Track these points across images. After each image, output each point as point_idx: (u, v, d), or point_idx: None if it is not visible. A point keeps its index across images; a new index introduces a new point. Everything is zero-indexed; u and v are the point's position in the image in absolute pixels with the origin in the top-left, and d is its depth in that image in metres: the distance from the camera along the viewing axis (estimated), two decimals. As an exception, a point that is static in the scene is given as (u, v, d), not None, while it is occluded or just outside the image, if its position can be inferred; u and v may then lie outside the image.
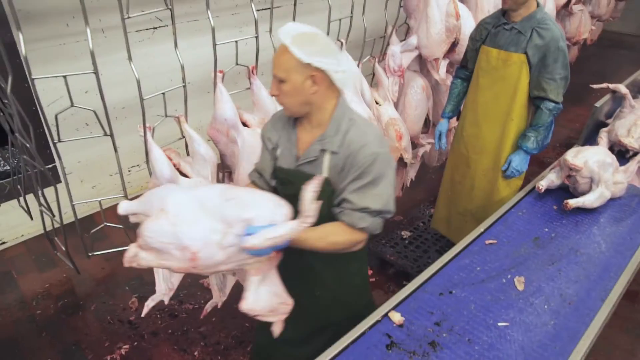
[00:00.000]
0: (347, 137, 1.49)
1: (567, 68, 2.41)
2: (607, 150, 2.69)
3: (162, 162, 2.00)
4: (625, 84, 3.40)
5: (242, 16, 3.78)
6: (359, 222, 1.52)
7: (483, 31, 2.56)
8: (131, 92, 1.88)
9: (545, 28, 2.35)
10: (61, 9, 3.02)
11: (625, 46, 8.33)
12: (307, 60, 1.39)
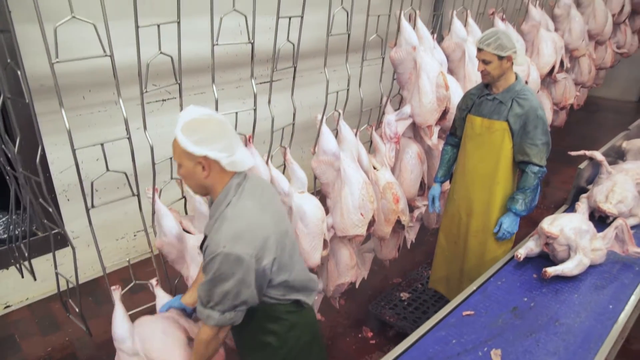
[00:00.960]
0: (214, 226, 1.57)
1: (547, 134, 2.58)
2: (583, 217, 2.71)
3: (170, 220, 2.13)
4: (602, 151, 3.51)
5: (245, 89, 4.01)
6: (207, 319, 1.58)
7: (469, 101, 2.77)
8: (137, 161, 2.01)
9: (524, 98, 2.56)
10: (79, 84, 3.24)
11: (611, 110, 8.67)
12: (190, 149, 1.49)
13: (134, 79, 1.91)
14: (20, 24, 1.82)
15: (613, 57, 6.01)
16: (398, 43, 3.00)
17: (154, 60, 1.93)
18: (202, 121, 1.55)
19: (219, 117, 1.59)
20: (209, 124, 1.55)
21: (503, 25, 3.83)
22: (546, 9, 4.60)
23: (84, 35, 1.72)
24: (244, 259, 1.50)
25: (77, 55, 1.71)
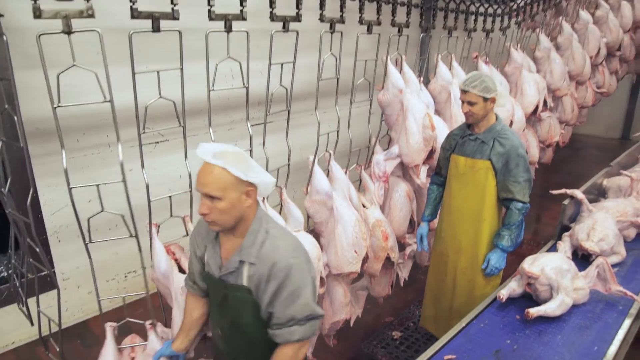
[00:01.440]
0: (262, 250, 1.60)
1: (528, 171, 2.67)
2: (564, 256, 2.71)
3: (161, 255, 2.15)
4: (583, 189, 3.55)
5: (237, 131, 4.10)
6: (291, 336, 1.62)
7: (452, 141, 2.86)
8: (131, 201, 2.04)
9: (505, 137, 2.66)
10: (74, 127, 3.29)
11: (596, 147, 8.88)
12: (245, 177, 1.53)
13: (127, 121, 1.97)
14: (17, 71, 1.87)
15: (594, 96, 6.21)
16: (385, 86, 3.11)
17: (146, 104, 1.99)
18: (239, 153, 1.59)
19: (237, 149, 1.64)
20: (239, 154, 1.59)
21: (487, 67, 3.99)
22: (527, 52, 4.79)
23: (78, 80, 1.77)
24: (312, 264, 1.63)
25: (73, 99, 1.77)
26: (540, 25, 4.94)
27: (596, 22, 5.72)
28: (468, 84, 2.61)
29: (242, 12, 2.09)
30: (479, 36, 3.88)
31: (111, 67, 1.77)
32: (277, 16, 2.23)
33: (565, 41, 5.22)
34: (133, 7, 1.74)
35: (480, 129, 2.72)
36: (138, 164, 2.06)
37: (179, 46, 1.95)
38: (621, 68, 6.94)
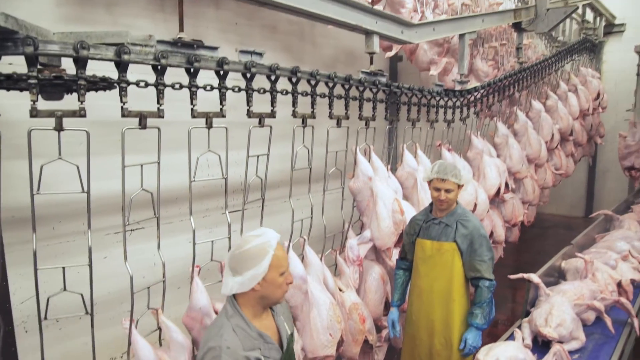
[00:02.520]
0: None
1: (491, 250, 2.86)
2: (520, 344, 2.72)
3: (148, 351, 2.14)
4: (541, 272, 3.59)
5: (212, 218, 4.18)
6: None
7: (415, 227, 3.02)
8: (104, 289, 2.07)
9: (467, 219, 2.86)
10: (51, 215, 3.33)
11: (562, 226, 9.20)
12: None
13: (104, 210, 2.04)
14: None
15: (553, 178, 6.58)
16: (356, 174, 3.31)
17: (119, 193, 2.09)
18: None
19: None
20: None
21: (450, 155, 4.26)
22: (487, 139, 5.14)
23: (59, 169, 1.86)
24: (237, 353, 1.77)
25: (51, 187, 1.85)
26: (497, 114, 5.36)
27: (548, 111, 6.23)
28: (447, 173, 2.82)
29: (221, 110, 2.28)
30: (441, 126, 4.19)
31: (92, 157, 1.88)
32: (254, 113, 2.42)
33: (521, 128, 5.64)
34: (124, 107, 1.90)
35: (444, 212, 2.90)
36: (113, 252, 2.11)
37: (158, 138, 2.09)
38: (576, 151, 7.44)
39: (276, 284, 1.82)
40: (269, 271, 1.79)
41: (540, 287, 3.34)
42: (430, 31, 3.76)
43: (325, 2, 2.77)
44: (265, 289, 1.81)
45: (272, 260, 1.79)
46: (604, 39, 8.68)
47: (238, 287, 1.79)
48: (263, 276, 1.78)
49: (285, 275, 1.85)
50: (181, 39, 2.16)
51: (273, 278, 1.81)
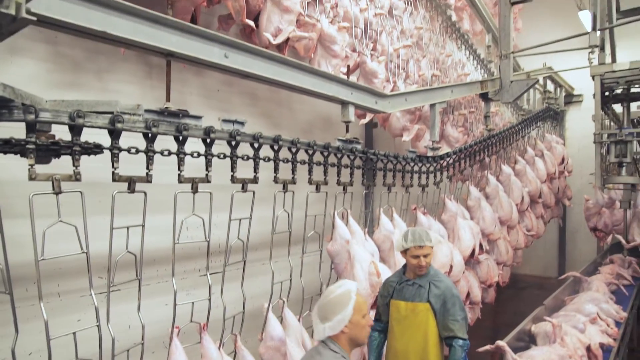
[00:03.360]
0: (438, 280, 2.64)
1: (464, 310, 2.95)
2: None
3: None
4: (508, 338, 3.54)
5: (190, 280, 4.17)
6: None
7: (389, 288, 3.12)
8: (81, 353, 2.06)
9: (439, 280, 2.98)
10: (24, 276, 3.29)
11: (536, 287, 9.34)
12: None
13: (77, 271, 2.07)
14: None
15: (525, 239, 6.78)
16: (334, 237, 3.40)
17: (103, 254, 2.13)
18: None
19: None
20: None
21: (425, 218, 4.41)
22: (460, 202, 5.34)
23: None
24: None
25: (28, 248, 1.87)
26: (469, 178, 5.59)
27: (517, 175, 6.53)
28: (424, 240, 2.95)
29: (207, 176, 2.39)
30: (416, 190, 4.36)
31: (73, 218, 1.95)
32: (237, 179, 2.54)
33: (493, 191, 5.88)
34: (115, 172, 2.00)
35: (416, 274, 3.01)
36: (88, 314, 2.12)
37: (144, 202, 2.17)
38: (546, 213, 7.72)
39: (360, 325, 2.14)
40: (353, 314, 2.09)
41: (509, 354, 3.29)
42: (402, 101, 4.01)
43: (303, 75, 2.97)
44: (352, 330, 2.11)
45: (355, 304, 2.10)
46: (565, 107, 9.29)
47: (329, 331, 2.10)
48: (349, 319, 2.08)
49: (366, 318, 2.15)
50: (168, 108, 2.30)
51: (357, 320, 2.11)
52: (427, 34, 5.69)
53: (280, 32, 3.55)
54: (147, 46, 2.25)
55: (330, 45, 3.97)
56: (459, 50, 6.54)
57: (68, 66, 3.32)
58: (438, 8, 6.07)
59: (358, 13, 4.35)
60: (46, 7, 1.85)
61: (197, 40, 2.41)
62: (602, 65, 4.83)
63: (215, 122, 2.49)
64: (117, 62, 3.56)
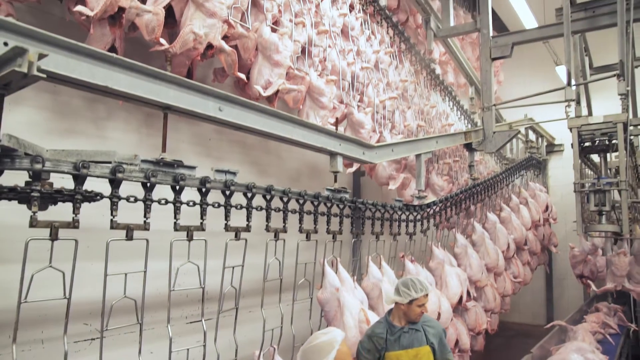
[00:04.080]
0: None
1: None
2: None
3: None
4: None
5: (177, 328, 4.08)
6: None
7: (379, 341, 3.10)
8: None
9: (430, 320, 3.16)
10: (7, 322, 3.26)
11: (526, 334, 9.28)
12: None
13: (61, 318, 2.08)
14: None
15: (513, 286, 6.84)
16: (323, 285, 3.45)
17: (87, 299, 2.15)
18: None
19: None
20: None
21: (413, 266, 4.47)
22: (447, 249, 5.42)
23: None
24: None
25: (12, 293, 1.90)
26: (456, 226, 5.70)
27: (502, 222, 6.66)
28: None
29: (202, 224, 2.46)
30: (403, 238, 4.45)
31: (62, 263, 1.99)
32: (231, 227, 2.61)
33: (479, 239, 5.98)
34: (113, 220, 2.06)
35: (406, 321, 3.06)
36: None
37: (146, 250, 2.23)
38: (532, 260, 7.82)
39: None
40: None
41: None
42: (389, 152, 4.16)
43: (293, 127, 3.10)
44: None
45: (338, 354, 2.11)
46: (547, 156, 9.58)
47: None
48: None
49: None
50: (163, 158, 2.40)
51: None
52: (412, 86, 5.95)
53: (270, 84, 3.71)
54: (146, 100, 2.37)
55: (318, 97, 4.14)
56: (443, 101, 6.81)
57: (67, 114, 3.41)
58: (422, 62, 6.37)
59: (345, 67, 4.57)
60: (54, 64, 1.97)
61: (193, 94, 2.54)
62: (578, 118, 5.07)
63: (206, 169, 2.58)
64: (115, 110, 3.68)
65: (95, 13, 2.65)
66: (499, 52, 5.74)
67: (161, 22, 2.96)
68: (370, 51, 5.11)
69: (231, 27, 3.36)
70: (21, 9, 2.90)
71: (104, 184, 2.13)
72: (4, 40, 1.85)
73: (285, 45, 3.72)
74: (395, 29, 5.87)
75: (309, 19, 4.22)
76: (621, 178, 4.66)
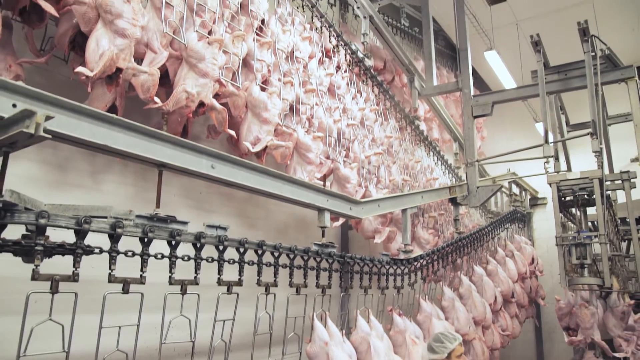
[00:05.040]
0: None
1: None
2: None
3: None
4: None
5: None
6: None
7: None
8: None
9: None
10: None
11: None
12: None
13: None
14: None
15: (501, 339, 6.81)
16: (312, 339, 3.45)
17: (80, 352, 2.16)
18: None
19: None
20: None
21: (400, 320, 4.49)
22: (435, 302, 5.45)
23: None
24: None
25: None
26: (443, 279, 5.75)
27: (489, 275, 6.72)
28: (457, 337, 3.36)
29: (195, 279, 2.53)
30: (391, 292, 4.49)
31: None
32: (223, 281, 2.67)
33: (466, 291, 6.02)
34: (111, 273, 2.14)
35: None
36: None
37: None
38: (520, 313, 7.82)
39: None
40: None
41: None
42: (375, 207, 4.29)
43: (283, 184, 3.22)
44: None
45: None
46: (531, 210, 9.79)
47: None
48: None
49: None
50: (157, 214, 2.49)
51: None
52: (397, 142, 6.17)
53: (259, 140, 3.84)
54: (143, 158, 2.49)
55: (305, 153, 4.29)
56: (428, 156, 7.04)
57: (65, 167, 3.47)
58: (407, 119, 6.64)
59: (332, 123, 4.75)
60: (57, 124, 2.10)
61: (187, 152, 2.67)
62: (557, 174, 5.28)
63: (196, 222, 2.66)
64: (113, 163, 3.75)
65: (95, 74, 2.77)
66: (480, 111, 6.02)
67: (156, 82, 3.09)
68: (356, 108, 5.33)
69: (222, 85, 3.51)
70: (30, 69, 3.05)
71: (94, 237, 2.19)
72: (12, 102, 1.99)
73: (274, 104, 3.88)
74: (380, 87, 6.15)
75: (297, 78, 4.43)
76: (600, 232, 4.81)
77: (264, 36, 4.08)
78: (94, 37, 2.80)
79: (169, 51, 3.26)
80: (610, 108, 7.97)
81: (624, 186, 6.18)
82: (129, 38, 2.85)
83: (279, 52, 4.25)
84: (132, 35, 2.87)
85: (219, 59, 3.36)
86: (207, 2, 3.46)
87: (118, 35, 2.82)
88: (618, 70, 5.87)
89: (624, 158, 8.54)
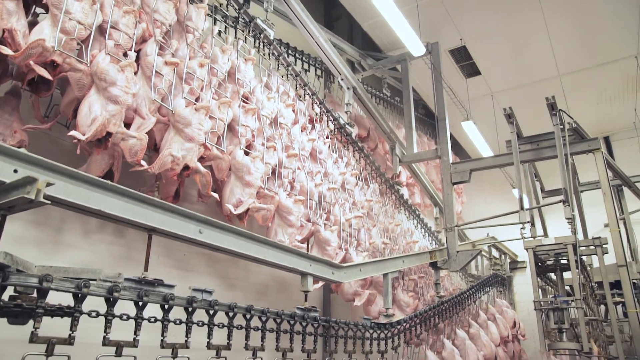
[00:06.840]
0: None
1: None
2: None
3: None
4: None
5: None
6: None
7: None
8: None
9: None
10: None
11: None
12: None
13: None
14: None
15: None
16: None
17: None
18: None
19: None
20: None
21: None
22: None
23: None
24: None
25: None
26: (426, 343, 5.74)
27: (471, 338, 6.71)
28: None
29: (186, 342, 2.58)
30: (375, 356, 4.47)
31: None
32: (212, 345, 2.73)
33: (449, 355, 6.00)
34: (106, 336, 2.20)
35: None
36: None
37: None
38: (504, 378, 7.73)
39: None
40: None
41: None
42: (357, 272, 4.37)
43: (267, 249, 3.33)
44: None
45: None
46: (511, 273, 9.90)
47: None
48: None
49: None
50: (145, 277, 2.56)
51: None
52: (377, 205, 6.33)
53: (241, 203, 3.93)
54: (134, 223, 2.59)
55: (286, 215, 4.36)
56: (408, 219, 7.20)
57: (57, 227, 3.50)
58: (387, 183, 6.85)
59: (313, 187, 4.89)
60: (54, 189, 2.21)
61: (176, 217, 2.79)
62: (533, 239, 5.46)
63: (175, 281, 2.69)
64: (105, 223, 3.78)
65: (86, 137, 2.87)
66: (459, 177, 6.28)
67: (144, 146, 3.18)
68: (337, 173, 5.50)
69: (207, 149, 3.63)
70: (33, 134, 3.15)
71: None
72: (14, 167, 2.10)
73: (256, 167, 4.00)
74: (361, 153, 6.38)
75: (280, 143, 4.59)
76: (576, 296, 4.93)
77: (249, 103, 4.28)
78: (86, 102, 2.93)
79: (157, 117, 3.37)
80: (582, 175, 8.34)
81: (597, 252, 6.37)
82: (120, 105, 2.99)
83: (264, 118, 4.43)
84: (124, 102, 3.01)
85: (205, 124, 3.50)
86: (195, 70, 3.66)
87: (110, 102, 2.96)
88: (585, 142, 6.22)
89: (599, 223, 8.77)
